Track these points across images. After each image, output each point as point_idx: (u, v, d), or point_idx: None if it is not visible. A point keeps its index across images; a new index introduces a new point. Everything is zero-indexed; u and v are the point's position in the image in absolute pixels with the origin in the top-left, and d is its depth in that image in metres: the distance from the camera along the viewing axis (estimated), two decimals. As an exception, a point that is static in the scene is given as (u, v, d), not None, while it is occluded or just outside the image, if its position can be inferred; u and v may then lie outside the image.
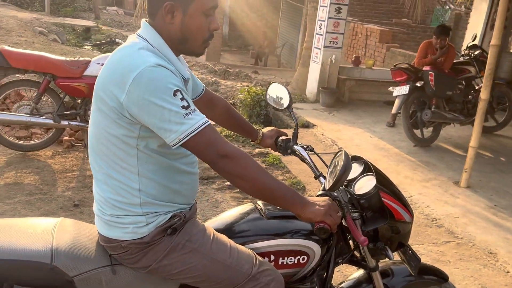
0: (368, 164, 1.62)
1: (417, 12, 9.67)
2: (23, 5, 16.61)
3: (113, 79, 1.24)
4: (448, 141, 5.96)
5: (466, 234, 3.50)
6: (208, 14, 1.33)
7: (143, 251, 1.33)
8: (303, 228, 1.56)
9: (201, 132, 1.21)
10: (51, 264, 1.26)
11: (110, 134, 1.28)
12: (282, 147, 1.82)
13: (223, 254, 1.39)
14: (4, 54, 3.84)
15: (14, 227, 1.37)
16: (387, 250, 1.55)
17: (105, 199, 1.34)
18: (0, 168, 3.88)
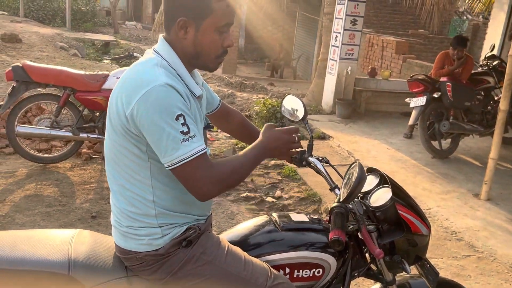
0: (384, 176, 1.61)
1: (434, 22, 9.60)
2: (45, 21, 17.09)
3: (124, 94, 1.26)
4: (467, 153, 5.86)
5: (487, 248, 3.42)
6: (221, 31, 1.34)
7: (158, 263, 1.34)
8: (318, 241, 1.55)
9: (193, 160, 1.24)
10: (68, 275, 1.28)
11: (122, 147, 1.31)
12: (297, 158, 1.81)
13: (238, 267, 1.39)
14: (26, 68, 3.95)
15: (33, 238, 1.40)
16: (404, 263, 1.53)
17: (121, 210, 1.36)
18: (21, 180, 3.96)
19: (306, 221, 1.61)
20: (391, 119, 7.34)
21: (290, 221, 1.59)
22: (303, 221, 1.61)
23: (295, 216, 1.63)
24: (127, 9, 27.48)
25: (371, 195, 1.57)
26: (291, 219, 1.60)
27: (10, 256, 1.28)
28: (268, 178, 4.55)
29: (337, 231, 1.35)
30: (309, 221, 1.61)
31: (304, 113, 1.82)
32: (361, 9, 7.02)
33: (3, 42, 10.54)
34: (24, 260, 1.28)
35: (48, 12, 17.78)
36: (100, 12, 23.05)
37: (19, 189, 3.78)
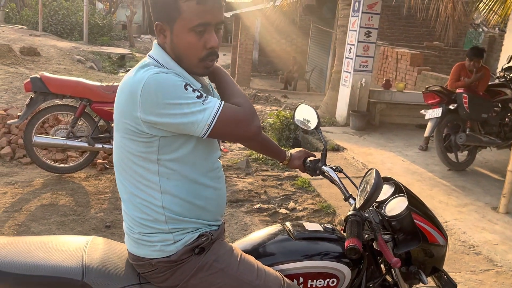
0: (399, 185, 1.59)
1: (449, 35, 9.54)
2: (63, 35, 17.48)
3: (125, 98, 1.26)
4: (484, 166, 5.76)
5: (506, 262, 3.33)
6: (199, 31, 1.27)
7: (170, 270, 1.34)
8: (332, 250, 1.53)
9: (223, 110, 1.23)
10: (82, 281, 1.28)
11: (130, 153, 1.30)
12: (311, 168, 1.79)
13: (251, 276, 1.37)
14: (44, 80, 4.02)
15: (48, 244, 1.40)
16: (421, 274, 1.50)
17: (132, 217, 1.36)
18: (37, 190, 4.00)
19: (320, 231, 1.59)
20: (406, 131, 7.27)
21: (304, 230, 1.57)
22: (317, 230, 1.59)
23: (309, 225, 1.61)
24: (142, 23, 27.98)
25: (386, 204, 1.55)
26: (304, 228, 1.58)
27: (25, 262, 1.29)
28: (281, 189, 4.53)
29: (353, 239, 1.33)
30: (323, 231, 1.59)
31: (317, 122, 1.81)
32: (375, 21, 7.02)
33: (22, 55, 10.79)
34: (38, 266, 1.29)
35: (66, 26, 18.19)
36: (117, 26, 23.52)
37: (35, 198, 3.82)
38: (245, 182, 4.61)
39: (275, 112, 7.15)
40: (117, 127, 1.32)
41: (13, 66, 9.73)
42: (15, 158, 4.62)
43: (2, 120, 4.98)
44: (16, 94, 7.51)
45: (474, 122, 5.33)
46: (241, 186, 4.46)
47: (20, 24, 17.84)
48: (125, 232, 1.42)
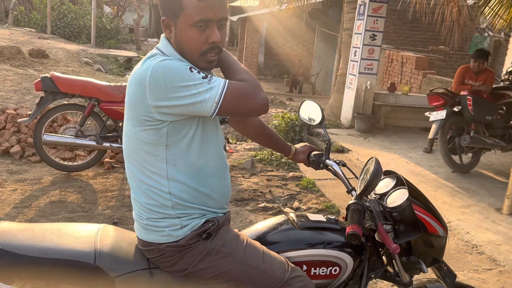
0: (400, 178, 1.63)
1: (454, 39, 9.57)
2: (71, 38, 17.66)
3: (135, 88, 1.32)
4: (489, 168, 5.78)
5: (509, 262, 3.36)
6: (200, 26, 1.32)
7: (179, 255, 1.39)
8: (335, 240, 1.58)
9: (229, 87, 1.29)
10: (94, 265, 1.34)
11: (138, 140, 1.36)
12: (315, 161, 1.84)
13: (257, 260, 1.42)
14: (54, 79, 4.10)
15: (61, 230, 1.47)
16: (421, 264, 1.54)
17: (141, 203, 1.42)
18: (46, 187, 4.08)
19: (323, 221, 1.64)
20: (410, 134, 7.29)
21: (308, 220, 1.62)
22: (320, 220, 1.64)
23: (312, 216, 1.66)
24: (149, 26, 28.18)
25: (388, 196, 1.60)
26: (308, 218, 1.64)
27: (40, 246, 1.36)
28: (286, 189, 4.58)
29: (354, 226, 1.38)
30: (326, 221, 1.64)
31: (321, 117, 1.87)
32: (380, 25, 7.07)
33: (31, 57, 10.93)
34: (53, 250, 1.36)
35: (74, 29, 18.38)
36: (124, 29, 23.71)
37: (44, 195, 3.90)
38: (250, 181, 4.66)
39: (280, 114, 7.20)
40: (127, 115, 1.39)
41: (22, 67, 9.86)
42: (24, 157, 4.70)
43: (12, 119, 5.07)
44: (25, 95, 7.63)
45: (478, 124, 5.36)
46: (246, 185, 4.51)
47: (28, 27, 18.05)
48: (135, 219, 1.48)
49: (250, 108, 1.35)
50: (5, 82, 8.23)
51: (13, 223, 1.49)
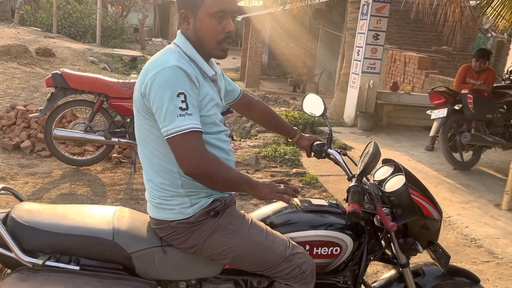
0: (398, 166, 1.74)
1: (456, 39, 9.65)
2: (77, 37, 17.81)
3: (140, 77, 1.47)
4: (489, 165, 5.86)
5: (506, 255, 3.45)
6: (217, 17, 1.47)
7: (189, 232, 1.51)
8: (336, 222, 1.69)
9: (184, 135, 1.38)
10: (112, 241, 1.47)
11: (146, 125, 1.49)
12: (317, 151, 1.95)
13: (260, 237, 1.54)
14: (64, 76, 4.22)
15: (82, 210, 1.60)
16: (417, 244, 1.65)
17: (153, 183, 1.54)
18: (56, 180, 4.20)
19: (325, 205, 1.75)
20: (412, 132, 7.38)
21: (310, 204, 1.74)
22: (322, 204, 1.75)
23: (315, 200, 1.78)
24: (154, 26, 28.33)
25: (386, 182, 1.70)
26: (311, 202, 1.75)
27: (63, 223, 1.49)
28: (290, 185, 4.67)
29: (354, 205, 1.49)
30: (327, 205, 1.75)
31: (323, 109, 1.98)
32: (383, 24, 7.16)
33: (37, 56, 11.08)
34: (75, 227, 1.48)
35: (80, 28, 18.53)
36: (128, 29, 23.85)
37: (55, 188, 4.01)
38: (255, 177, 4.76)
39: (284, 112, 7.30)
40: (134, 101, 1.52)
41: (29, 66, 10.01)
42: (34, 151, 4.82)
43: (22, 115, 5.19)
44: (33, 92, 7.76)
45: (479, 122, 5.44)
46: (250, 180, 4.61)
47: (34, 26, 18.21)
48: (147, 200, 1.60)
49: (179, 162, 1.42)
50: (13, 80, 8.37)
51: (36, 203, 1.62)
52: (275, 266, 1.53)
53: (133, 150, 4.63)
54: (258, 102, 1.99)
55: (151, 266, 1.50)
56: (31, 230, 1.44)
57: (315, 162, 5.28)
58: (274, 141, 6.21)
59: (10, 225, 1.45)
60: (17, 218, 1.46)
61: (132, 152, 4.63)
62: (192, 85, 1.43)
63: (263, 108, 1.98)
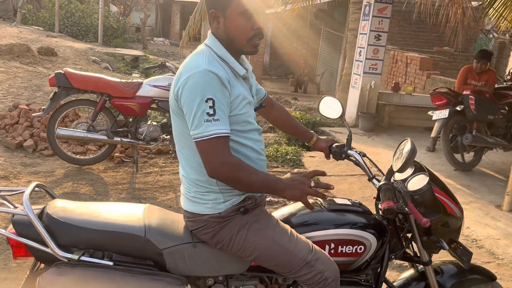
0: (419, 165, 1.77)
1: (458, 40, 9.65)
2: (78, 36, 17.83)
3: (175, 80, 1.54)
4: (490, 167, 5.87)
5: (507, 255, 3.46)
6: (246, 15, 1.53)
7: (219, 226, 1.55)
8: (360, 221, 1.72)
9: (209, 140, 1.44)
10: (144, 238, 1.52)
11: (181, 126, 1.55)
12: (337, 152, 1.97)
13: (284, 238, 1.56)
14: (67, 75, 4.24)
15: (113, 208, 1.66)
16: (442, 242, 1.68)
17: (189, 179, 1.59)
18: (59, 179, 4.22)
19: (349, 204, 1.79)
20: (414, 133, 7.38)
21: (334, 203, 1.77)
22: (345, 204, 1.79)
23: (338, 200, 1.82)
24: (155, 26, 28.34)
25: (408, 182, 1.73)
26: (334, 202, 1.79)
27: (97, 220, 1.55)
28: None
29: (388, 202, 1.52)
30: (351, 204, 1.79)
31: (342, 111, 2.01)
32: (385, 25, 7.17)
33: (39, 55, 11.09)
34: (109, 223, 1.54)
35: (82, 28, 18.55)
36: (130, 28, 23.85)
37: (58, 186, 4.03)
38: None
39: (285, 112, 7.31)
40: (170, 103, 1.58)
41: (32, 65, 10.02)
42: (37, 150, 4.84)
43: (25, 114, 5.22)
44: (36, 92, 7.78)
45: (481, 123, 5.45)
46: (252, 180, 4.62)
47: (36, 25, 18.22)
48: (183, 194, 1.65)
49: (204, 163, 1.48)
50: (16, 79, 8.38)
51: (67, 200, 1.68)
52: (297, 270, 1.56)
53: (135, 150, 4.65)
54: (279, 106, 2.04)
55: (181, 262, 1.55)
56: (66, 226, 1.50)
57: (317, 163, 5.29)
58: (276, 141, 6.22)
59: (46, 221, 1.50)
60: (52, 214, 1.51)
61: (134, 152, 4.65)
62: (223, 89, 1.47)
63: (283, 111, 2.03)
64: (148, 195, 4.05)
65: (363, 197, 4.41)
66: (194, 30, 10.69)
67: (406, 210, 1.63)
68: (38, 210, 1.55)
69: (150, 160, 4.99)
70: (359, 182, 4.77)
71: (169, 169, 4.74)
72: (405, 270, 2.08)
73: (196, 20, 10.53)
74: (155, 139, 4.52)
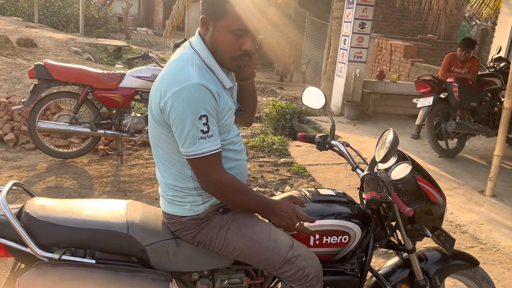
0: (402, 154, 1.78)
1: (441, 27, 9.71)
2: (59, 27, 17.45)
3: (163, 87, 1.43)
4: (473, 153, 5.95)
5: (490, 240, 3.52)
6: (236, 34, 1.44)
7: (198, 228, 1.53)
8: (344, 211, 1.72)
9: (204, 157, 1.41)
10: (127, 234, 1.49)
11: (161, 134, 1.49)
12: (321, 143, 1.97)
13: (263, 236, 1.55)
14: (47, 67, 4.14)
15: (94, 205, 1.62)
16: (425, 229, 1.69)
17: (166, 184, 1.55)
18: (42, 173, 4.14)
19: (333, 195, 1.79)
20: (399, 121, 7.44)
21: (319, 194, 1.77)
22: (330, 194, 1.79)
23: (323, 190, 1.81)
24: (138, 15, 27.90)
25: (391, 171, 1.74)
26: (319, 192, 1.78)
27: (78, 218, 1.51)
28: (278, 174, 4.69)
29: (372, 192, 1.52)
30: (335, 195, 1.79)
31: (324, 102, 1.99)
32: (369, 13, 7.16)
33: (19, 46, 10.83)
34: (90, 221, 1.50)
35: (62, 18, 18.14)
36: (112, 18, 23.42)
37: (40, 181, 3.96)
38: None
39: (271, 102, 7.30)
40: (150, 108, 1.50)
41: (11, 57, 9.79)
42: (18, 144, 4.74)
43: (5, 107, 5.10)
44: (16, 84, 7.61)
45: (464, 110, 5.51)
46: (238, 171, 4.61)
47: (15, 15, 17.77)
48: (160, 195, 1.61)
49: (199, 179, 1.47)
50: (-5, 71, 8.19)
51: (48, 198, 1.62)
52: (278, 267, 1.55)
53: (119, 142, 4.59)
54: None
55: (165, 258, 1.53)
56: (46, 225, 1.46)
57: (303, 152, 5.30)
58: (262, 131, 6.21)
59: (25, 220, 1.46)
60: (31, 213, 1.47)
61: (118, 144, 4.59)
62: (214, 103, 1.42)
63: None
64: (134, 188, 4.01)
65: (349, 185, 4.44)
66: (178, 20, 10.58)
67: (390, 200, 1.65)
68: (16, 209, 1.51)
69: (135, 152, 4.93)
70: (345, 170, 4.80)
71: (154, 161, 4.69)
72: (390, 257, 2.10)
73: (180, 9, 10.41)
74: (140, 131, 4.46)
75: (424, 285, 1.86)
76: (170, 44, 13.46)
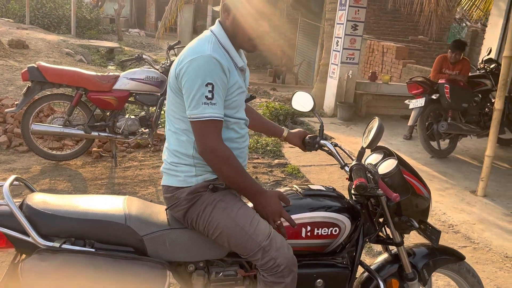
0: (388, 151, 1.86)
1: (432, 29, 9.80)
2: (50, 28, 17.34)
3: (179, 59, 1.62)
4: (465, 153, 6.02)
5: (482, 240, 3.57)
6: (256, 17, 1.65)
7: (189, 204, 1.62)
8: (334, 205, 1.79)
9: (204, 121, 1.55)
10: (125, 225, 1.56)
11: (175, 102, 1.64)
12: (310, 143, 2.04)
13: (245, 221, 1.61)
14: (41, 69, 4.13)
15: (93, 199, 1.69)
16: (412, 221, 1.76)
17: (170, 150, 1.69)
18: (35, 176, 4.13)
19: (323, 189, 1.86)
20: (391, 121, 7.50)
21: (310, 189, 1.84)
22: (320, 189, 1.86)
23: (313, 186, 1.89)
24: (130, 17, 27.80)
25: (378, 166, 1.81)
26: (309, 188, 1.86)
27: (78, 209, 1.58)
28: (272, 175, 4.71)
29: (360, 178, 1.59)
30: (325, 190, 1.86)
31: (313, 105, 2.09)
32: (361, 15, 7.22)
33: (10, 48, 10.76)
34: (90, 213, 1.57)
35: (53, 19, 18.03)
36: (104, 19, 23.33)
37: (34, 183, 3.94)
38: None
39: (264, 103, 7.32)
40: (169, 79, 1.68)
41: (2, 58, 9.72)
42: (11, 147, 4.72)
43: (-3, 110, 5.06)
44: (7, 86, 7.56)
45: (455, 111, 5.58)
46: (233, 172, 4.62)
47: (6, 17, 17.65)
48: (161, 171, 1.73)
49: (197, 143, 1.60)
50: (-14, 73, 8.13)
51: (47, 194, 1.68)
52: (253, 254, 1.60)
53: (113, 144, 4.58)
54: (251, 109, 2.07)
55: (162, 248, 1.60)
56: (47, 216, 1.51)
57: (297, 153, 5.32)
58: (256, 133, 6.23)
59: (27, 211, 1.52)
60: (32, 205, 1.53)
61: (112, 146, 4.58)
62: (223, 75, 1.57)
63: (252, 109, 2.07)
64: (128, 190, 4.00)
65: (343, 186, 4.47)
66: (170, 21, 10.56)
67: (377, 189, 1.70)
68: (18, 202, 1.56)
69: (129, 154, 4.93)
70: (339, 171, 4.83)
71: (148, 163, 4.70)
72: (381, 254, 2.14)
73: (172, 10, 10.39)
74: (134, 132, 4.46)
75: (413, 278, 1.92)
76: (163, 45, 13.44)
